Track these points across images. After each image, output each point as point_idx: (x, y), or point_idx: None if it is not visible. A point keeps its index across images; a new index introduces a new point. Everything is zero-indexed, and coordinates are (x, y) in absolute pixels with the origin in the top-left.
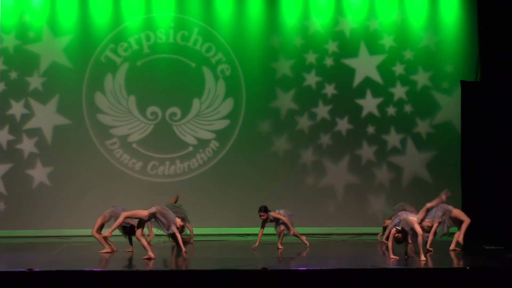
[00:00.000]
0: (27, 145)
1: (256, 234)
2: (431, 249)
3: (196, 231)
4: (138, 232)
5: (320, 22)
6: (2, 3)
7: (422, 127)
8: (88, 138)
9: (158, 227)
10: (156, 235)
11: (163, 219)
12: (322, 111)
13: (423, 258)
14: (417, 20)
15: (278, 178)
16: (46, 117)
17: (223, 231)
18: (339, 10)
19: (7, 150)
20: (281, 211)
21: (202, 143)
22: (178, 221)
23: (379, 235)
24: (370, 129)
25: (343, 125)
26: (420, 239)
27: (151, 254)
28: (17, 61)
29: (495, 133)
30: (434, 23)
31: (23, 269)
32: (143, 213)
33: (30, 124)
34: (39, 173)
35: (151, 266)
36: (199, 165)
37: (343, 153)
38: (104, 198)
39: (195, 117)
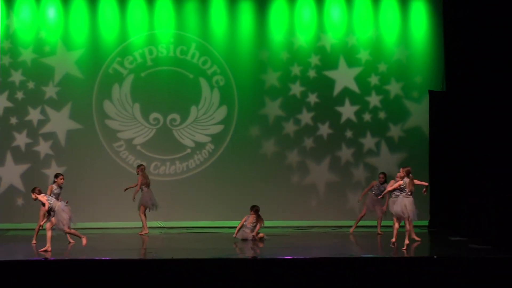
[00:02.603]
0: (43, 147)
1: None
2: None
3: (193, 224)
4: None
5: (304, 38)
6: (21, 21)
7: (395, 131)
8: (97, 141)
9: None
10: (158, 227)
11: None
12: (306, 117)
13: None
14: (390, 37)
15: (267, 177)
16: (60, 122)
17: (218, 224)
18: (321, 28)
19: (25, 151)
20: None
21: (199, 146)
22: None
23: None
24: (349, 133)
25: (324, 129)
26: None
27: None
28: (34, 73)
29: (459, 137)
30: (405, 39)
31: (39, 258)
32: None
33: (46, 129)
34: (54, 172)
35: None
36: (197, 165)
37: (324, 154)
38: (112, 195)
39: (192, 123)
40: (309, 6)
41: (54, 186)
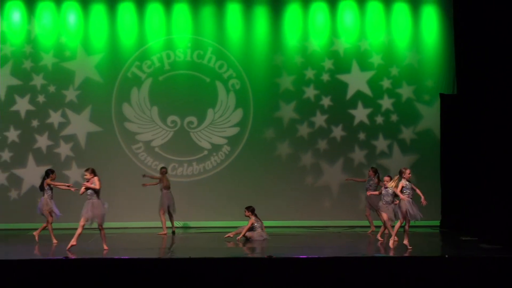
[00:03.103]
0: (64, 149)
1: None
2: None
3: (210, 224)
4: None
5: (317, 42)
6: (42, 26)
7: (406, 134)
8: (116, 143)
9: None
10: (177, 227)
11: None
12: (320, 120)
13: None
14: (402, 41)
15: (281, 178)
16: (80, 125)
17: (234, 224)
18: (334, 32)
19: (47, 153)
20: (258, 223)
21: (216, 148)
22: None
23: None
24: (361, 136)
25: (337, 132)
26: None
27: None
28: (55, 77)
29: (469, 139)
30: (416, 44)
31: (60, 257)
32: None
33: (66, 131)
34: (74, 174)
35: (171, 254)
36: (213, 167)
37: (337, 156)
38: (130, 195)
39: (209, 125)
40: (323, 11)
41: (49, 180)
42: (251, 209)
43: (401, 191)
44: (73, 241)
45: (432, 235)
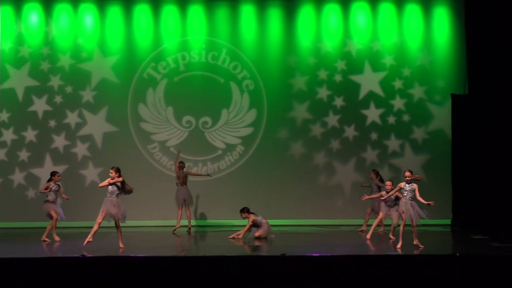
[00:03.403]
0: (81, 149)
1: (276, 225)
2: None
3: (224, 222)
4: None
5: (330, 44)
6: (59, 28)
7: (418, 134)
8: (132, 143)
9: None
10: (192, 225)
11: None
12: (332, 120)
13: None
14: (413, 42)
15: (295, 177)
16: (96, 125)
17: (247, 222)
18: (347, 34)
19: (64, 153)
20: (259, 217)
21: (230, 147)
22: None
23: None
24: (374, 136)
25: (350, 132)
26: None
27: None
28: (72, 78)
29: (480, 139)
30: (428, 45)
31: (77, 255)
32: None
33: (83, 131)
34: (90, 173)
35: (184, 252)
36: (227, 166)
37: (350, 156)
38: (146, 194)
39: (223, 125)
40: (335, 13)
41: (52, 183)
42: (245, 210)
43: (401, 192)
44: (89, 238)
45: (444, 233)
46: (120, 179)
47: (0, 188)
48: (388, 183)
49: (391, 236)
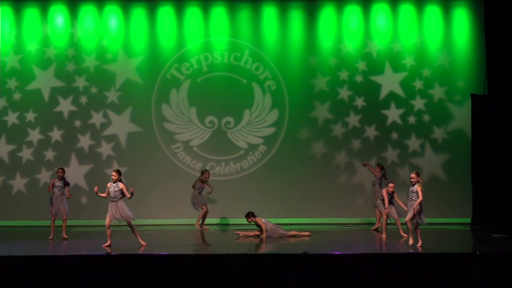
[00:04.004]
0: (105, 149)
1: (297, 224)
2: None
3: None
4: None
5: (351, 45)
6: (84, 30)
7: (438, 133)
8: (156, 143)
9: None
10: (215, 224)
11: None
12: (353, 120)
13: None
14: (433, 43)
15: (316, 177)
16: (121, 125)
17: (269, 221)
18: (367, 35)
19: (89, 153)
20: (264, 220)
21: (252, 147)
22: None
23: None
24: (394, 135)
25: (371, 132)
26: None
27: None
28: (97, 78)
29: (500, 138)
30: (448, 45)
31: (102, 253)
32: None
33: (108, 131)
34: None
35: (207, 251)
36: (250, 166)
37: (371, 155)
38: (169, 193)
39: (246, 125)
40: (356, 14)
41: (56, 180)
42: (250, 214)
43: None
44: (108, 242)
45: (464, 232)
46: (122, 185)
47: (27, 187)
48: (391, 185)
49: (403, 234)
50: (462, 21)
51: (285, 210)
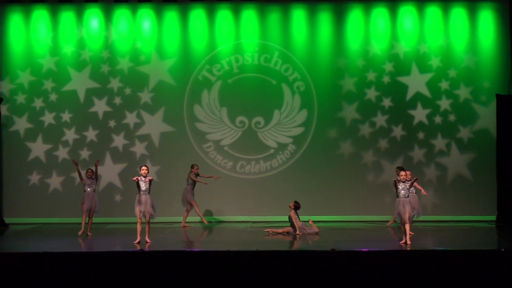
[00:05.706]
0: (139, 148)
1: (326, 221)
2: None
3: (276, 218)
4: None
5: (378, 46)
6: (119, 32)
7: (464, 133)
8: (188, 142)
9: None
10: (244, 221)
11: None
12: (380, 120)
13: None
14: (459, 44)
15: (344, 175)
16: (154, 125)
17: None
18: (394, 36)
19: (123, 152)
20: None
21: (281, 147)
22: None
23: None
24: (420, 135)
25: (398, 131)
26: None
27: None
28: (131, 80)
29: None
30: (473, 47)
31: (136, 250)
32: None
33: (141, 131)
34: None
35: (239, 247)
36: (279, 165)
37: (397, 154)
38: (201, 191)
39: (275, 125)
40: (383, 16)
41: (86, 179)
42: (297, 206)
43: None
44: (138, 237)
45: (489, 229)
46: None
47: (63, 185)
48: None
49: (410, 232)
50: (487, 23)
51: (314, 208)
